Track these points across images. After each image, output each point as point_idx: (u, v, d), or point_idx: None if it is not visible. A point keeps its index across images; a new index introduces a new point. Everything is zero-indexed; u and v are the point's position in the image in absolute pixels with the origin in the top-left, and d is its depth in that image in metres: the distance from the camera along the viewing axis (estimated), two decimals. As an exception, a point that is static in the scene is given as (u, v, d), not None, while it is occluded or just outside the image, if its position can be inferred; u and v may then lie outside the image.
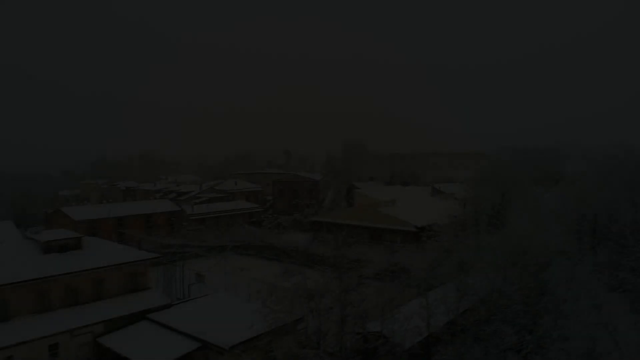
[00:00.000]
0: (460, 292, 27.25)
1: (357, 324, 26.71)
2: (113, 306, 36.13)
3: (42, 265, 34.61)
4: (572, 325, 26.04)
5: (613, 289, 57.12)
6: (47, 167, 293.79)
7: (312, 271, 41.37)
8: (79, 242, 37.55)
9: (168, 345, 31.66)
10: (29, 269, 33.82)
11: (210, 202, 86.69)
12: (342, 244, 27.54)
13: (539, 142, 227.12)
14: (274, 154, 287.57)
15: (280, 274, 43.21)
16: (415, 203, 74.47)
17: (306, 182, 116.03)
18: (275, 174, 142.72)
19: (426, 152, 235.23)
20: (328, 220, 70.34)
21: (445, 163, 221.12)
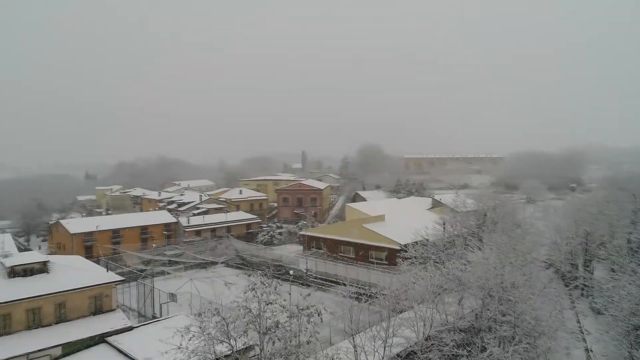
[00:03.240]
0: (387, 333, 26.93)
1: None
2: (74, 329, 37.44)
3: (5, 290, 36.24)
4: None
5: (599, 313, 55.15)
6: (75, 168, 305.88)
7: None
8: (44, 266, 39.09)
9: (116, 372, 32.67)
10: (-9, 294, 35.50)
11: (207, 213, 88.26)
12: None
13: (567, 145, 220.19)
14: (292, 157, 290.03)
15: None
16: (407, 218, 73.57)
17: (310, 190, 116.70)
18: (283, 181, 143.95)
19: (443, 156, 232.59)
20: (316, 234, 70.51)
21: (462, 168, 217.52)
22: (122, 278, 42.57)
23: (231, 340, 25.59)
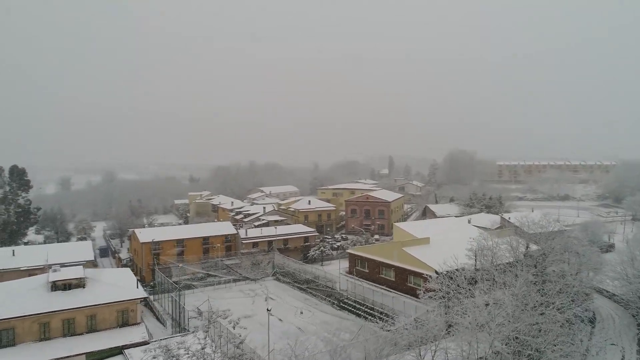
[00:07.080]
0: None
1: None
2: (100, 339, 42.52)
3: (46, 302, 42.50)
4: None
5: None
6: (185, 170, 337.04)
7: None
8: (80, 282, 44.93)
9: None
10: (34, 305, 41.93)
11: (267, 225, 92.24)
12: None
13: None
14: (381, 160, 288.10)
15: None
16: (460, 241, 69.49)
17: (378, 202, 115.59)
18: (359, 190, 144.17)
19: (542, 163, 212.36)
20: (360, 253, 70.07)
21: (564, 177, 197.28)
22: (146, 295, 47.14)
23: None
